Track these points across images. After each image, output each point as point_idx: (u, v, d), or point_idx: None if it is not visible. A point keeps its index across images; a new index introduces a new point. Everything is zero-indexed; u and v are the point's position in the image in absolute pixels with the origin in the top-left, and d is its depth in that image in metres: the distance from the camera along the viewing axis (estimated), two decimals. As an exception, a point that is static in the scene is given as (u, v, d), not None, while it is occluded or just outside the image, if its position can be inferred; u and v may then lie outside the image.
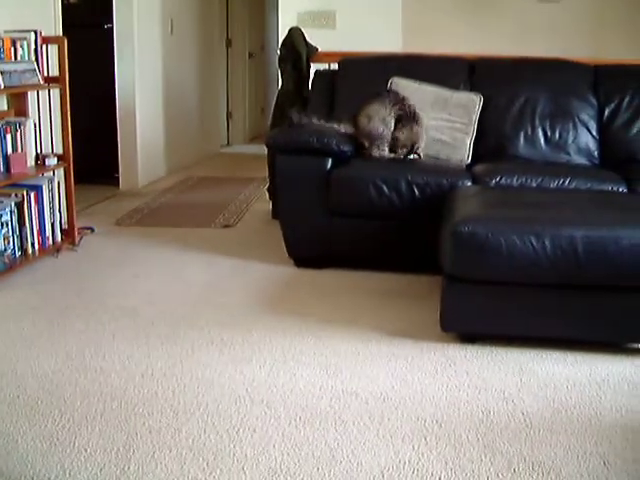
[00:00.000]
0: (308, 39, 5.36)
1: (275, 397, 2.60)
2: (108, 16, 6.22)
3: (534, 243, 2.87)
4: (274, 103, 5.41)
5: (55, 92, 4.58)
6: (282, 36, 5.50)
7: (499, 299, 2.99)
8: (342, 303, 3.57)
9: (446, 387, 2.70)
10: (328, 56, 5.31)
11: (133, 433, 2.34)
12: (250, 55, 10.15)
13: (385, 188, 3.84)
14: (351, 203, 3.93)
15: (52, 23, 4.86)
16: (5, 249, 3.88)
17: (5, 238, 3.88)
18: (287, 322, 3.30)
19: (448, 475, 2.13)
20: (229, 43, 9.53)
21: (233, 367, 2.84)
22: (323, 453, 2.23)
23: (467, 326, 3.07)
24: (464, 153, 4.28)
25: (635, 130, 4.36)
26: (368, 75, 4.65)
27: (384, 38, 6.48)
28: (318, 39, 5.49)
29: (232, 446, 2.27)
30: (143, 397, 2.58)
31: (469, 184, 3.84)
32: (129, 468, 2.15)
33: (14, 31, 4.14)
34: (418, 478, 2.12)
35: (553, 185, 3.82)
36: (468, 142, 4.30)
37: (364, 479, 2.11)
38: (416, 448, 2.27)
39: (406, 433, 2.36)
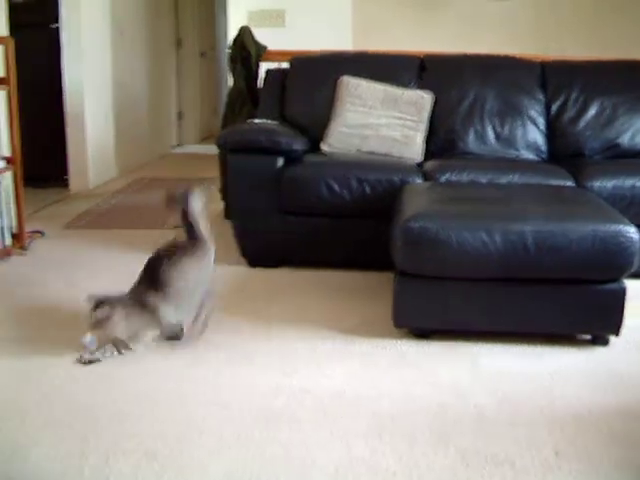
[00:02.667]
0: (258, 38, 5.35)
1: (230, 397, 2.59)
2: (55, 16, 6.15)
3: (484, 238, 2.89)
4: (225, 102, 5.40)
5: (2, 94, 4.51)
6: (232, 35, 5.49)
7: (450, 294, 3.02)
8: (296, 302, 3.57)
9: (399, 382, 2.71)
10: (278, 55, 5.31)
11: (84, 435, 2.32)
12: (201, 54, 10.10)
13: (336, 186, 3.85)
14: (302, 202, 3.93)
15: (-3, 23, 4.79)
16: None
17: (-48, 243, 3.83)
18: (241, 322, 3.29)
19: (402, 470, 2.14)
20: (179, 43, 9.47)
21: (187, 368, 2.82)
22: (277, 452, 2.23)
23: (419, 321, 3.10)
24: (416, 150, 4.30)
25: (581, 125, 4.43)
26: (319, 74, 4.66)
27: (334, 36, 6.50)
28: (268, 38, 5.49)
29: (186, 449, 2.26)
30: (94, 402, 2.55)
31: (419, 181, 3.86)
32: (84, 473, 2.12)
33: (-43, 32, 4.08)
34: (372, 474, 2.12)
35: (503, 180, 3.86)
36: (419, 139, 4.32)
37: (318, 477, 2.11)
38: (370, 444, 2.28)
39: (360, 429, 2.36)
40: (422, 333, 3.10)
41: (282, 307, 3.50)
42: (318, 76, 4.66)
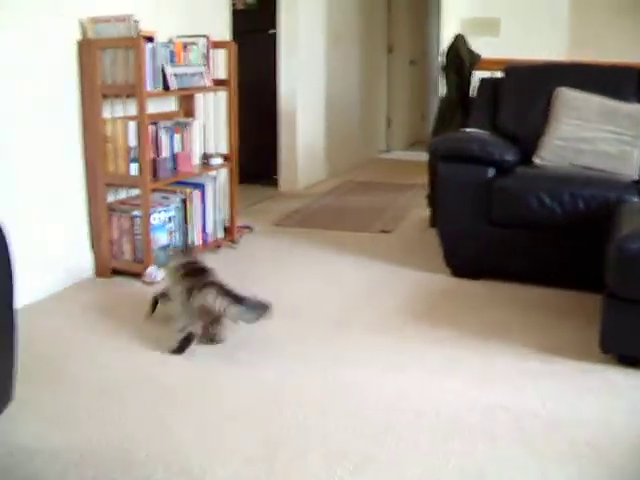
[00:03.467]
0: (470, 46, 5.30)
1: (424, 406, 2.58)
2: (273, 22, 6.40)
3: None
4: (437, 110, 5.39)
5: (221, 94, 4.74)
6: (444, 43, 5.48)
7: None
8: (497, 316, 3.51)
9: (601, 409, 2.59)
10: (491, 63, 5.23)
11: (283, 430, 2.39)
12: (411, 62, 10.14)
13: (548, 200, 3.73)
14: (512, 214, 3.83)
15: (222, 29, 5.03)
16: (169, 243, 4.05)
17: (170, 233, 4.06)
18: (440, 332, 3.28)
19: (602, 501, 2.06)
20: (390, 49, 9.55)
21: (384, 373, 2.85)
22: (470, 466, 2.20)
23: (629, 348, 2.93)
24: (633, 167, 4.09)
25: None
26: (533, 84, 4.54)
27: (549, 45, 6.32)
28: (480, 46, 5.42)
29: (379, 452, 2.27)
30: (295, 396, 2.63)
31: (636, 199, 3.68)
32: (276, 465, 2.19)
33: (186, 36, 4.32)
34: (570, 501, 2.06)
35: None
36: (637, 156, 4.11)
37: (513, 497, 2.07)
38: (566, 471, 2.19)
39: (556, 454, 2.28)
40: (631, 360, 2.94)
41: (482, 320, 3.45)
42: (532, 86, 4.54)
